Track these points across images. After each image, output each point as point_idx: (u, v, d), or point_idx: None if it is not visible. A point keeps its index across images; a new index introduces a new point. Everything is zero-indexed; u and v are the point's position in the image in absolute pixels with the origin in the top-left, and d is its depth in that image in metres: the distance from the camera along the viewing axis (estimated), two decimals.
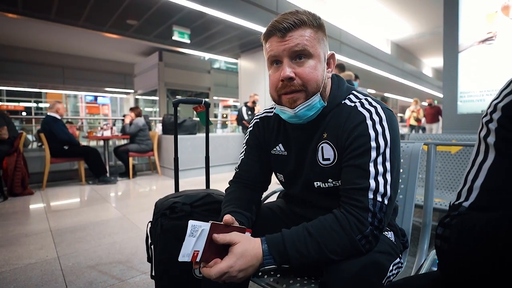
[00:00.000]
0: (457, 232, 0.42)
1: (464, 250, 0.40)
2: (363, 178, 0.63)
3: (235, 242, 0.59)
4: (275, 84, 0.70)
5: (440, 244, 0.46)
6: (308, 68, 0.67)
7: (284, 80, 0.67)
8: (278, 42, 0.67)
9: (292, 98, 0.68)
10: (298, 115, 0.70)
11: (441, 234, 0.46)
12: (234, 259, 0.57)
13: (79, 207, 2.90)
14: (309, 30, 0.67)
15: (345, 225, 0.60)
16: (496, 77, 2.16)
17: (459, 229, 0.42)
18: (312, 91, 0.68)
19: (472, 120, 2.26)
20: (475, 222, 0.40)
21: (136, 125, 4.40)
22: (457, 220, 0.44)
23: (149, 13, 4.83)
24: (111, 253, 1.78)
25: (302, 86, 0.67)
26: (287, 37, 0.66)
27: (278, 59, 0.69)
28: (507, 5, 2.08)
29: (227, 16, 4.72)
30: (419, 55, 14.20)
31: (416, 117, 8.30)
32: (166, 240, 1.04)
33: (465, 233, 0.41)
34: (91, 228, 2.23)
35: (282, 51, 0.66)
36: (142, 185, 4.05)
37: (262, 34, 0.72)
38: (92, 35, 5.77)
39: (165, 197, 1.17)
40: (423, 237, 1.14)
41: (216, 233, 0.59)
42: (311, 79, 0.67)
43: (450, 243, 0.43)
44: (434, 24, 8.89)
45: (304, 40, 0.66)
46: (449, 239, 0.43)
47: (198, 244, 0.57)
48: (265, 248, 0.60)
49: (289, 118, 0.73)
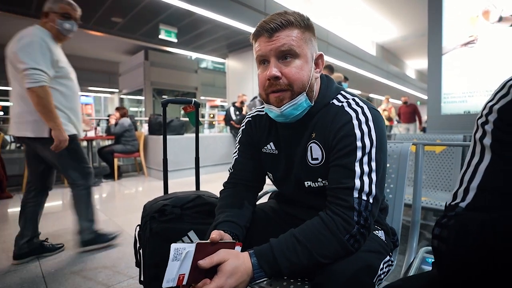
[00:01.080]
0: (454, 233, 0.43)
1: (462, 251, 0.40)
2: (348, 177, 0.63)
3: (224, 260, 0.57)
4: (263, 83, 0.71)
5: (437, 244, 0.46)
6: (294, 68, 0.67)
7: (271, 79, 0.67)
8: (266, 42, 0.67)
9: (278, 97, 0.69)
10: (284, 114, 0.70)
11: (438, 234, 0.46)
12: (223, 278, 0.55)
13: (62, 211, 2.79)
14: (296, 31, 0.68)
15: (332, 227, 0.60)
16: (477, 79, 2.24)
17: (457, 230, 0.43)
18: (298, 90, 0.68)
19: (455, 120, 2.33)
20: (472, 223, 0.41)
21: (121, 126, 4.29)
22: (454, 221, 0.44)
23: (135, 11, 4.73)
24: (96, 258, 1.72)
25: (288, 85, 0.68)
26: (274, 37, 0.67)
27: (265, 58, 0.69)
28: (488, 10, 2.16)
29: (215, 16, 4.68)
30: (402, 57, 14.59)
31: (387, 116, 7.56)
32: (155, 243, 1.01)
33: (462, 234, 0.42)
34: (75, 232, 2.15)
35: (269, 51, 0.67)
36: (128, 186, 3.95)
37: (251, 34, 0.72)
38: (76, 32, 5.58)
39: (154, 199, 1.13)
40: (412, 236, 1.16)
41: (202, 252, 0.56)
42: (297, 79, 0.68)
43: (448, 244, 0.43)
44: (417, 27, 9.15)
45: (291, 40, 0.66)
46: (446, 240, 0.44)
47: (184, 267, 0.54)
48: (254, 262, 0.59)
49: (276, 117, 0.73)
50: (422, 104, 19.06)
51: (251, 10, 5.18)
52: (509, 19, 2.06)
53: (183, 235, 1.02)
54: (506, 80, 0.46)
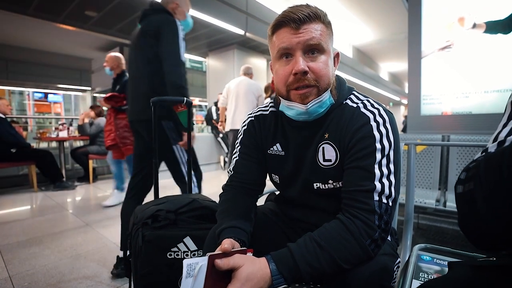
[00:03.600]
0: (484, 160, 0.39)
1: (496, 176, 0.36)
2: (368, 180, 0.62)
3: (238, 265, 0.54)
4: (285, 78, 0.67)
5: (463, 188, 0.42)
6: (321, 63, 0.65)
7: (298, 74, 0.64)
8: (292, 34, 0.64)
9: (304, 94, 0.66)
10: (309, 111, 0.67)
11: (464, 178, 0.43)
12: (239, 285, 0.52)
13: (32, 217, 2.58)
14: (321, 25, 0.65)
15: (354, 231, 0.58)
16: (453, 82, 2.36)
17: (486, 158, 0.40)
18: (324, 87, 0.67)
19: (433, 121, 2.45)
20: (503, 150, 0.37)
21: (97, 126, 4.06)
22: (483, 155, 0.42)
23: (111, 5, 4.50)
24: (75, 268, 1.60)
25: (315, 81, 0.65)
26: (301, 29, 0.63)
27: (290, 52, 0.65)
28: (463, 17, 2.28)
29: (195, 13, 4.57)
30: (377, 60, 15.16)
31: None
32: (148, 252, 0.94)
33: (493, 159, 0.38)
34: (48, 240, 1.99)
35: (297, 43, 0.63)
36: (105, 189, 3.76)
37: (271, 25, 0.68)
38: (43, 25, 5.19)
39: (145, 204, 1.07)
40: (406, 234, 1.18)
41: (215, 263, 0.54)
42: (324, 75, 0.65)
43: (478, 172, 0.39)
44: (391, 32, 9.53)
45: (319, 34, 0.64)
46: (476, 173, 0.40)
47: (198, 282, 0.52)
48: (273, 268, 0.56)
49: (298, 114, 0.69)
50: (394, 105, 20.00)
51: (232, 9, 5.12)
52: (482, 26, 2.19)
53: (179, 241, 0.96)
54: None
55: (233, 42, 6.11)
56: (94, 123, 4.09)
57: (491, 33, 2.16)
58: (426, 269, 0.90)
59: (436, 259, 0.96)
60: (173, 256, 0.96)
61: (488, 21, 2.16)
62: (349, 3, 7.39)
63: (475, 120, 2.25)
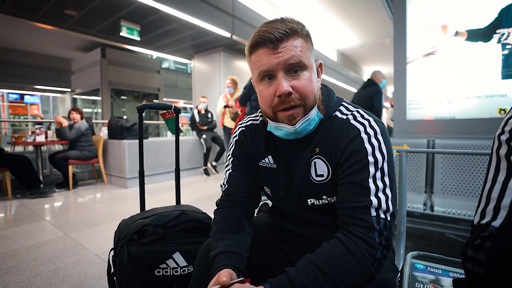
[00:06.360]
0: (495, 256, 0.41)
1: (505, 274, 0.39)
2: (363, 195, 0.59)
3: None
4: (270, 100, 0.64)
5: (472, 267, 0.44)
6: (304, 80, 0.62)
7: (282, 96, 0.61)
8: (270, 54, 0.60)
9: (291, 115, 0.63)
10: (298, 131, 0.64)
11: (473, 257, 0.44)
12: None
13: (5, 228, 2.41)
14: (300, 40, 0.62)
15: (356, 252, 0.55)
16: (437, 88, 2.42)
17: (497, 252, 0.41)
18: (310, 104, 0.64)
19: (419, 125, 2.50)
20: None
21: (77, 130, 3.88)
22: (491, 242, 0.43)
23: (92, 4, 4.34)
24: (53, 283, 1.50)
25: (301, 100, 0.62)
26: (279, 48, 0.60)
27: (271, 73, 0.62)
28: (445, 25, 2.35)
29: (181, 14, 4.49)
30: (360, 63, 15.52)
31: None
32: (135, 269, 0.88)
33: (503, 256, 0.40)
34: (24, 253, 1.86)
35: (277, 64, 0.60)
36: (85, 196, 3.59)
37: (247, 46, 0.64)
38: (20, 24, 4.96)
39: (131, 218, 1.00)
40: (399, 242, 1.18)
41: None
42: (309, 92, 0.62)
43: (487, 267, 0.41)
44: (374, 36, 9.77)
45: (298, 51, 0.60)
46: (485, 263, 0.42)
47: None
48: None
49: (287, 135, 0.66)
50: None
51: (218, 11, 5.07)
52: (464, 34, 2.26)
53: (167, 257, 0.91)
54: None
55: (219, 44, 6.05)
56: (75, 126, 3.92)
57: (472, 41, 2.23)
58: (421, 279, 0.89)
59: (429, 267, 0.96)
60: (162, 273, 0.90)
61: (470, 29, 2.23)
62: (333, 7, 7.51)
63: (458, 124, 2.32)
